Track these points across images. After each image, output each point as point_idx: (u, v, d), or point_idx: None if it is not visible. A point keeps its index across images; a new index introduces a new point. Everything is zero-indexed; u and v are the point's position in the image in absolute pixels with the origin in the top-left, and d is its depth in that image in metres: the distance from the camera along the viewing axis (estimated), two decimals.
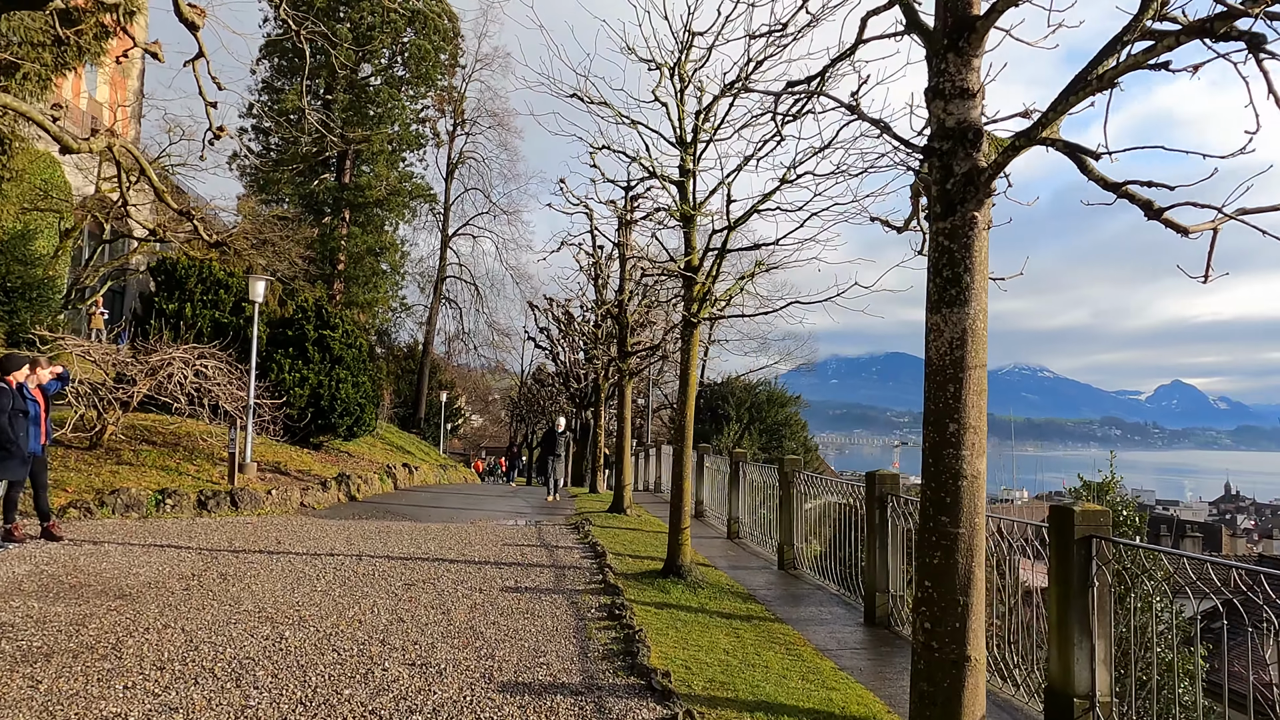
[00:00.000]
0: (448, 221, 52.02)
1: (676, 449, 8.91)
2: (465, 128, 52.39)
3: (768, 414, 50.39)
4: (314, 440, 18.62)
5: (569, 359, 27.36)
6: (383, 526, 11.56)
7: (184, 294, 18.98)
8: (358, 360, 19.10)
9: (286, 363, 17.92)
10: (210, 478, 12.81)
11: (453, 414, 60.68)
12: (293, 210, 42.28)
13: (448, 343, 55.80)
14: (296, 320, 19.19)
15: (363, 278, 45.53)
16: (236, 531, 10.17)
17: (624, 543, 11.10)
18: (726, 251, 8.36)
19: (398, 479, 18.42)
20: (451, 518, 13.43)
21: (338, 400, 18.06)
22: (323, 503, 13.51)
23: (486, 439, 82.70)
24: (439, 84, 49.79)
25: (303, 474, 15.03)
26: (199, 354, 13.85)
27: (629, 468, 14.50)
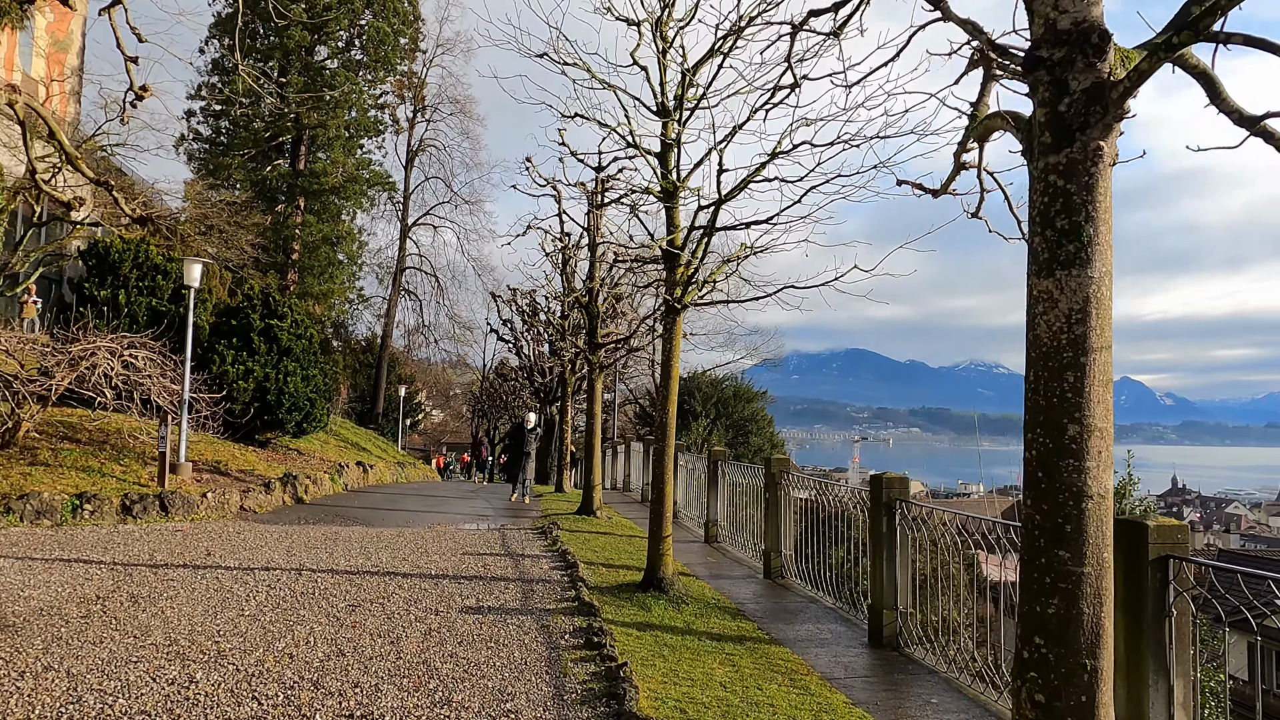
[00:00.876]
0: (407, 211, 50.53)
1: (657, 449, 8.04)
2: (426, 114, 50.93)
3: (734, 409, 49.83)
4: (259, 437, 17.39)
5: (533, 352, 26.35)
6: (330, 533, 10.52)
7: (118, 280, 17.62)
8: (308, 352, 17.91)
9: (230, 354, 16.68)
10: (139, 479, 11.63)
11: (412, 409, 59.17)
12: (244, 196, 40.52)
13: (407, 336, 54.31)
14: (241, 309, 17.91)
15: (318, 268, 43.90)
16: (162, 541, 9.07)
17: (596, 549, 10.21)
18: (716, 229, 7.50)
19: (351, 479, 17.30)
20: (408, 521, 12.42)
21: (285, 394, 16.86)
22: (265, 506, 12.39)
23: (447, 434, 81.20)
24: (399, 69, 48.24)
25: (245, 474, 13.87)
26: (128, 343, 12.62)
27: (599, 467, 13.62)
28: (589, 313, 13.50)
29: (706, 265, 7.97)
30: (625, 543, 11.07)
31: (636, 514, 15.26)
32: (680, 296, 7.83)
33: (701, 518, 12.41)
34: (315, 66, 43.77)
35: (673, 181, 8.02)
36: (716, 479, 11.85)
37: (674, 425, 7.97)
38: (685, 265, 7.96)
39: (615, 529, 12.43)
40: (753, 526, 10.45)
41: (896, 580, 6.65)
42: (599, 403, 13.66)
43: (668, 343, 7.95)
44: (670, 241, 8.04)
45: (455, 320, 52.27)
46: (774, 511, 9.24)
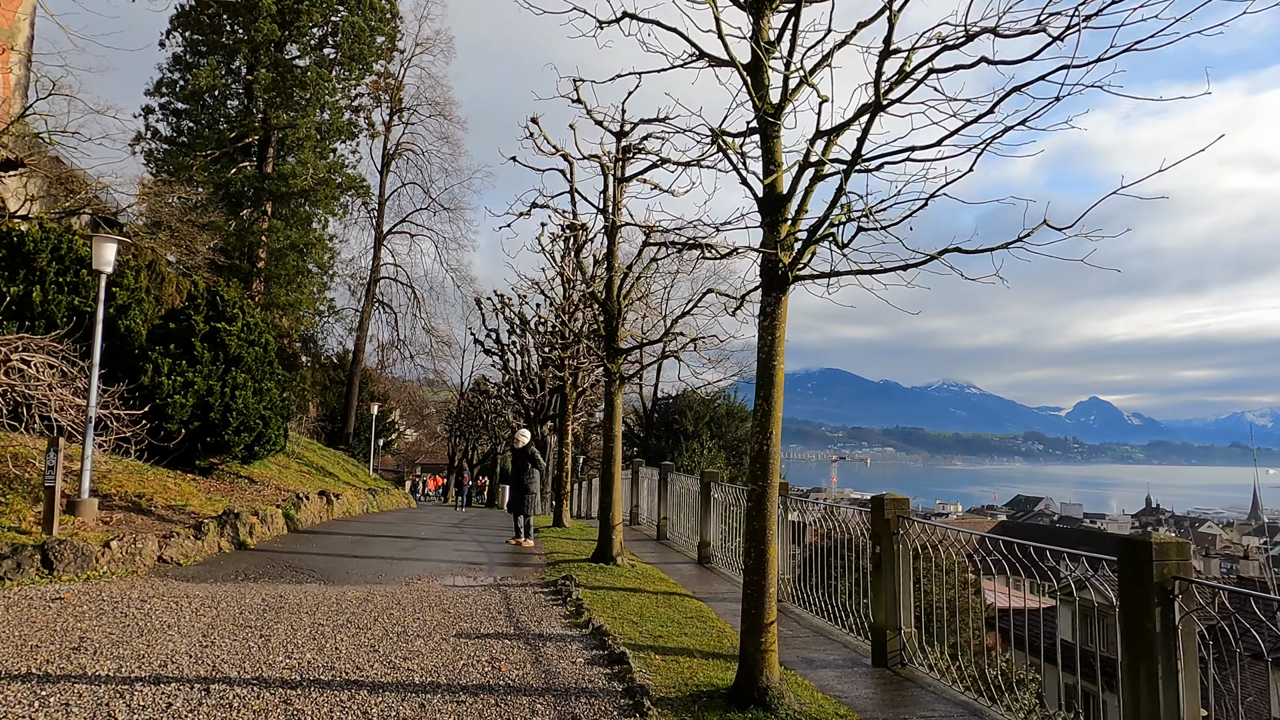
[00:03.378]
0: (382, 218, 47.73)
1: (755, 491, 5.40)
2: (403, 117, 48.35)
3: (728, 429, 47.33)
4: (201, 463, 14.52)
5: (521, 365, 23.66)
6: (273, 597, 7.76)
7: (32, 274, 14.72)
8: (261, 361, 15.09)
9: (165, 363, 13.84)
10: (22, 523, 8.79)
11: (385, 428, 55.98)
12: (206, 198, 37.51)
13: (381, 351, 51.32)
14: (182, 311, 15.09)
15: (285, 277, 40.92)
16: (19, 621, 6.28)
17: (635, 619, 7.55)
18: (859, 162, 4.95)
19: (311, 513, 14.46)
20: (380, 574, 9.66)
21: (233, 411, 14.03)
22: (193, 556, 9.57)
23: (422, 455, 77.94)
24: (375, 69, 45.68)
25: (174, 511, 11.04)
26: (15, 345, 9.82)
27: (620, 502, 10.99)
28: (606, 310, 10.89)
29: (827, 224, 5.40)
30: (668, 606, 8.41)
31: (657, 556, 12.61)
32: (791, 264, 5.26)
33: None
34: (285, 64, 40.98)
35: (771, 102, 5.47)
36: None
37: (778, 450, 5.36)
38: (789, 223, 5.40)
39: (645, 582, 9.75)
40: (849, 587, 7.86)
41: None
42: (619, 422, 11.02)
43: (768, 333, 5.37)
44: (770, 186, 5.48)
45: (433, 334, 49.41)
46: (889, 571, 6.66)
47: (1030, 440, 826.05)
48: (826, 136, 5.20)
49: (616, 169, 10.78)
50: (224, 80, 40.87)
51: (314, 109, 41.29)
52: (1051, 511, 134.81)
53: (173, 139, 41.53)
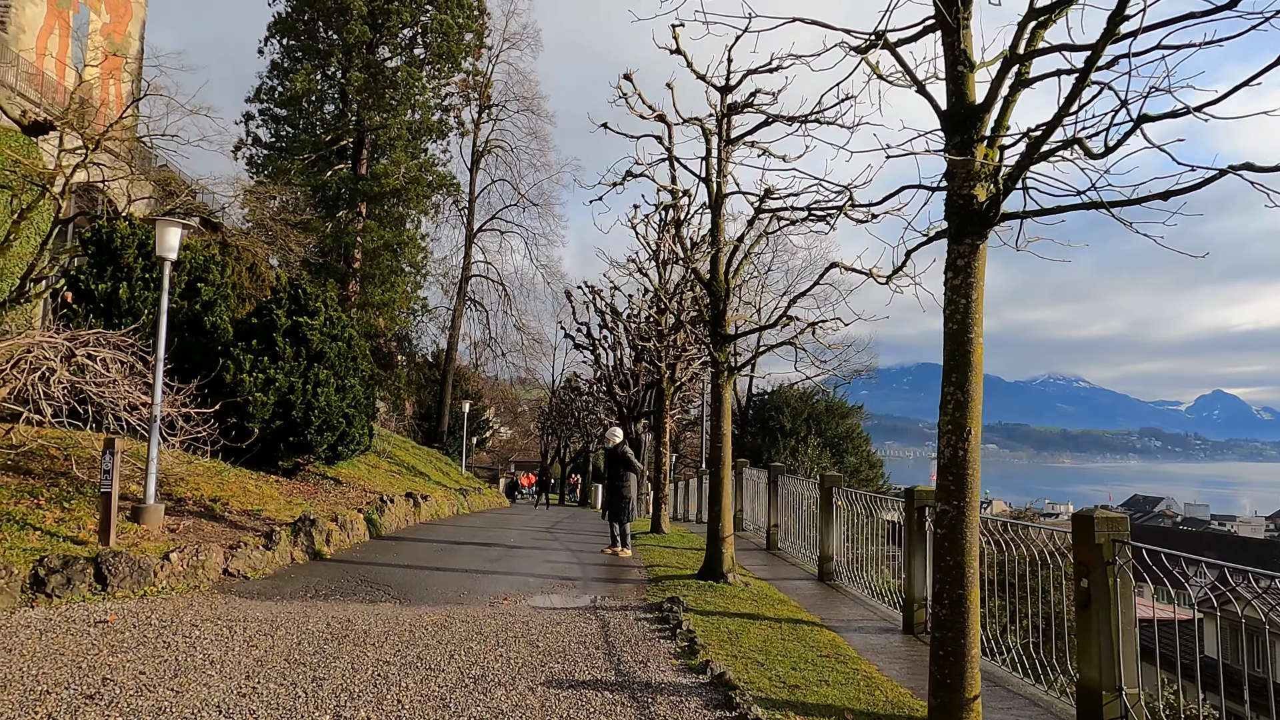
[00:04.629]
0: (473, 216, 47.67)
1: (950, 510, 3.92)
2: (492, 113, 48.14)
3: (827, 426, 45.17)
4: (284, 463, 13.91)
5: (613, 360, 22.53)
6: (339, 623, 6.73)
7: (120, 271, 14.44)
8: (344, 357, 14.38)
9: (247, 359, 13.25)
10: (81, 532, 8.09)
11: (479, 426, 56.18)
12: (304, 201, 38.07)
13: (473, 349, 51.37)
14: (265, 306, 14.54)
15: (380, 276, 41.20)
16: (53, 650, 5.40)
17: (762, 659, 6.16)
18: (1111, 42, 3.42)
19: (395, 517, 13.63)
20: (462, 591, 8.58)
21: (315, 410, 13.33)
22: (261, 568, 8.71)
23: (516, 452, 78.37)
24: (463, 66, 45.56)
25: (249, 516, 10.29)
26: (84, 340, 9.19)
27: (729, 510, 9.59)
28: (711, 291, 9.51)
29: None
30: (796, 639, 6.98)
31: (769, 570, 11.16)
32: (991, 201, 3.76)
33: (903, 590, 8.26)
34: (376, 65, 41.19)
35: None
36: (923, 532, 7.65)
37: (978, 464, 3.87)
38: (989, 152, 3.90)
39: (763, 605, 8.34)
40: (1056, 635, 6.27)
41: None
42: (728, 419, 9.62)
43: (961, 295, 3.90)
44: (957, 95, 3.99)
45: (523, 331, 49.05)
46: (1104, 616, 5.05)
47: (1146, 436, 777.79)
48: (1044, 15, 3.68)
49: (722, 129, 9.38)
50: (319, 84, 41.42)
51: (405, 109, 41.42)
52: (1174, 513, 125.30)
53: (272, 144, 42.43)
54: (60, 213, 21.76)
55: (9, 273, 21.32)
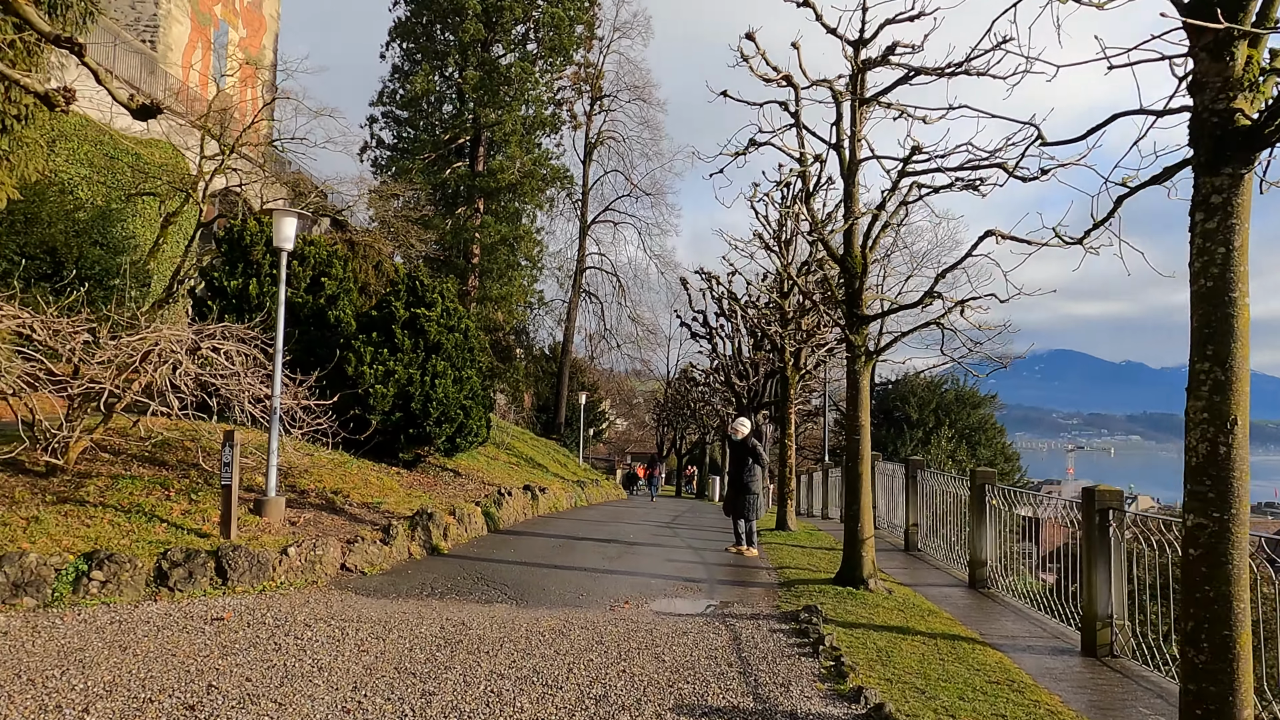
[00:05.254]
0: (586, 207, 47.82)
1: (1208, 527, 3.01)
2: (603, 104, 48.06)
3: (958, 416, 42.70)
4: (405, 455, 13.92)
5: (731, 348, 21.73)
6: (453, 627, 6.34)
7: (250, 267, 14.83)
8: (461, 348, 14.25)
9: (368, 352, 13.30)
10: (205, 524, 8.08)
11: (595, 418, 56.54)
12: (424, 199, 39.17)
13: (589, 341, 51.67)
14: (384, 298, 14.61)
15: (497, 271, 41.88)
16: (167, 646, 5.21)
17: (921, 684, 5.31)
18: None
19: (513, 510, 13.38)
20: (580, 592, 8.09)
21: (433, 401, 13.23)
22: (379, 563, 8.50)
23: (631, 444, 78.61)
24: (574, 59, 45.66)
25: (368, 509, 10.19)
26: (207, 333, 9.25)
27: (869, 509, 8.68)
28: (845, 268, 8.61)
29: None
30: (956, 660, 6.07)
31: (909, 575, 10.17)
32: (1270, 116, 2.81)
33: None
34: (491, 62, 41.78)
35: None
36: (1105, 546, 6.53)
37: (1246, 465, 2.93)
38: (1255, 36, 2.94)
39: (912, 616, 7.43)
40: None
41: None
42: (866, 409, 8.70)
43: (1217, 242, 2.97)
44: None
45: (638, 322, 48.90)
46: None
47: None
48: None
49: (856, 87, 8.45)
50: (437, 85, 42.38)
51: (519, 104, 41.82)
52: None
53: (394, 145, 43.80)
54: (202, 216, 22.91)
55: (159, 274, 22.61)
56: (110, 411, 8.85)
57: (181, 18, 34.29)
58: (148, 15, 33.90)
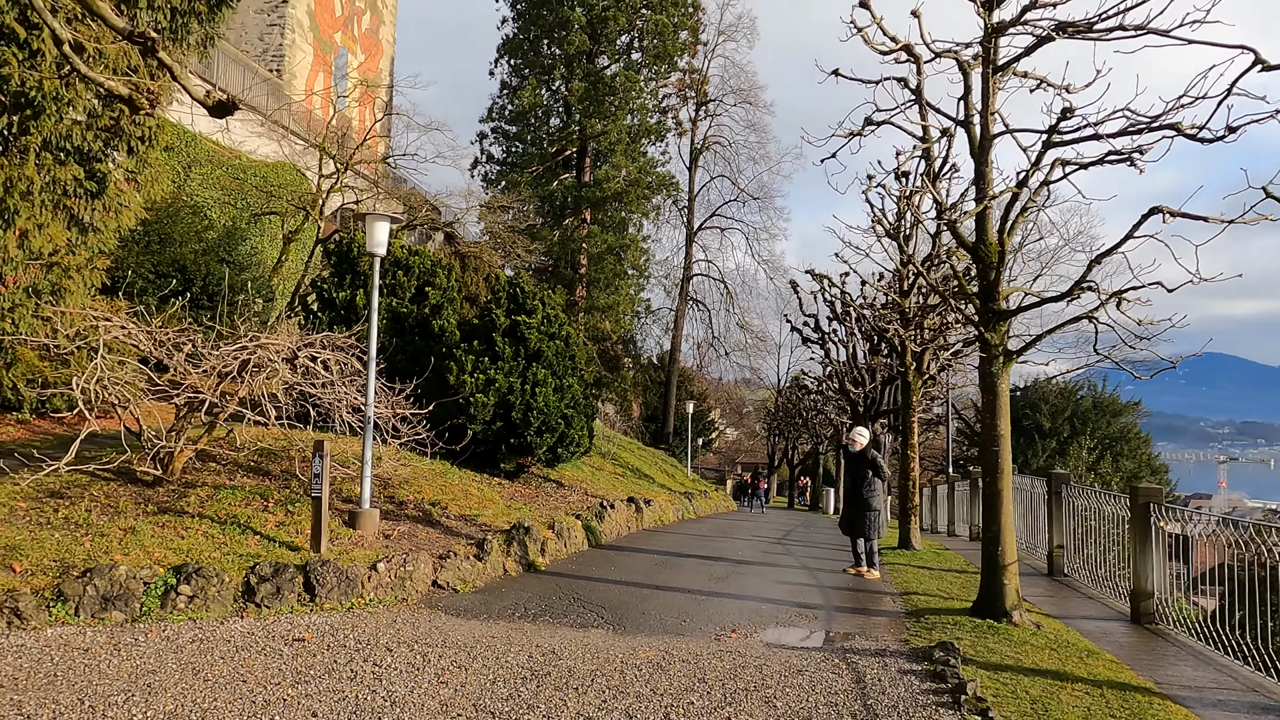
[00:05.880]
0: (692, 214, 47.27)
1: None
2: (709, 109, 47.47)
3: (1096, 425, 39.50)
4: (507, 465, 13.64)
5: (846, 354, 20.58)
6: (541, 658, 5.79)
7: (357, 278, 14.98)
8: (562, 356, 13.89)
9: (469, 360, 13.11)
10: (298, 537, 7.89)
11: (704, 428, 55.75)
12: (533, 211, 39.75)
13: (697, 349, 50.95)
14: (486, 306, 14.45)
15: (604, 280, 41.91)
16: (228, 678, 4.89)
17: None
18: None
19: (615, 524, 12.85)
20: (682, 618, 7.41)
21: (534, 410, 12.90)
22: (472, 580, 8.09)
23: (742, 454, 77.32)
24: (679, 66, 45.30)
25: (465, 521, 9.86)
26: (306, 342, 9.16)
27: (1011, 531, 7.59)
28: (979, 258, 7.62)
29: None
30: (1130, 717, 5.04)
31: (1056, 605, 8.97)
32: None
33: None
34: (595, 73, 41.98)
35: None
36: None
37: None
38: None
39: (1068, 658, 6.35)
40: None
41: None
42: (1005, 417, 7.66)
43: None
44: None
45: (747, 329, 47.88)
46: None
47: None
48: None
49: (988, 53, 7.46)
50: (543, 98, 42.89)
51: (624, 113, 41.78)
52: None
53: (503, 160, 44.58)
54: (320, 233, 23.65)
55: (282, 290, 23.51)
56: (214, 421, 8.87)
57: (304, 46, 35.97)
58: (274, 46, 35.74)
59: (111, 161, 12.98)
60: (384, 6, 42.81)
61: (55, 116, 11.44)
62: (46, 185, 11.37)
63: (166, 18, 13.44)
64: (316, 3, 37.21)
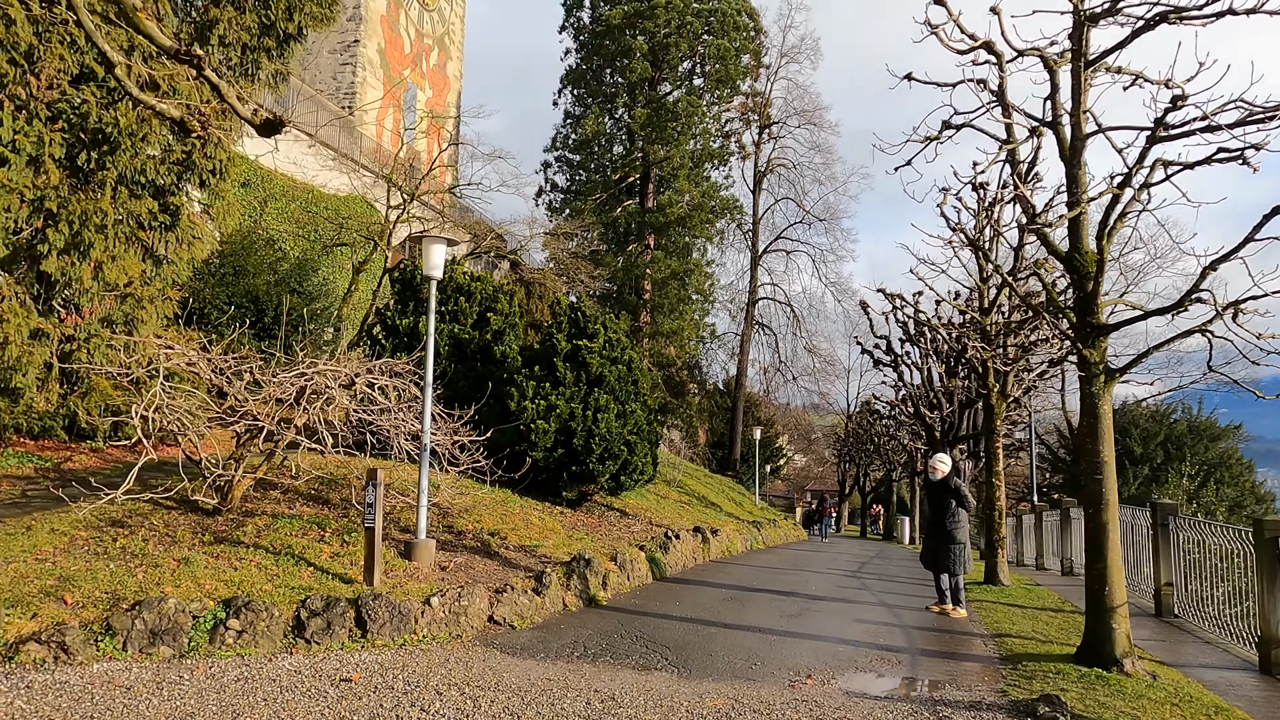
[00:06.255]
0: (757, 237, 46.76)
1: None
2: (772, 132, 47.06)
3: (1193, 450, 37.13)
4: (569, 494, 13.30)
5: (921, 376, 19.71)
6: (602, 701, 5.36)
7: (420, 305, 14.97)
8: (624, 381, 13.54)
9: (530, 386, 12.87)
10: (358, 566, 7.65)
11: (771, 454, 54.68)
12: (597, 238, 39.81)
13: (763, 374, 50.13)
14: (547, 330, 14.24)
15: (668, 305, 41.65)
16: (268, 718, 4.61)
17: None
18: None
19: (681, 555, 12.34)
20: (752, 660, 6.87)
21: (595, 437, 12.55)
22: (529, 616, 7.72)
23: (811, 480, 75.65)
24: (741, 89, 45.12)
25: (525, 553, 9.53)
26: (365, 368, 9.01)
27: (1118, 569, 6.85)
28: (1072, 267, 6.97)
29: None
30: None
31: (1169, 650, 8.09)
32: None
33: None
34: (658, 99, 42.08)
35: None
36: None
37: None
38: None
39: (1197, 718, 5.59)
40: None
41: None
42: (1109, 441, 6.94)
43: None
44: None
45: (814, 354, 46.92)
46: None
47: None
48: None
49: (1080, 44, 6.87)
50: (606, 126, 43.17)
51: (686, 138, 41.70)
52: None
53: (567, 188, 44.94)
54: (388, 262, 24.01)
55: (351, 319, 23.89)
56: (274, 449, 8.77)
57: (375, 84, 37.02)
58: (346, 84, 36.89)
59: (185, 195, 13.27)
60: (451, 43, 43.90)
61: (131, 151, 11.72)
62: (120, 218, 11.63)
63: (237, 54, 13.74)
64: (387, 41, 38.34)
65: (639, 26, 40.71)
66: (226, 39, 12.96)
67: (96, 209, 10.84)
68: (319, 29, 14.68)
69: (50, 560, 6.62)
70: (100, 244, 11.05)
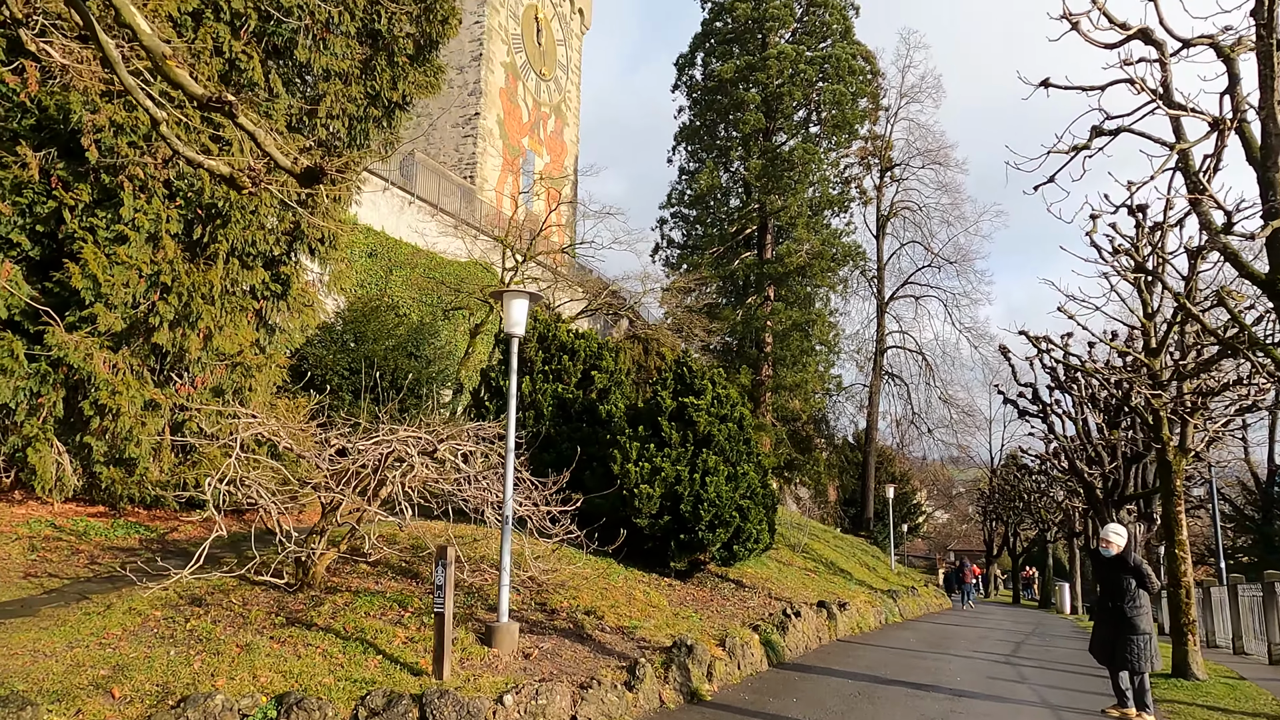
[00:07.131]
0: (882, 284, 44.80)
1: None
2: (894, 175, 45.34)
3: None
4: (677, 564, 12.29)
5: (1075, 427, 17.55)
6: None
7: (523, 365, 14.58)
8: (735, 440, 12.52)
9: (634, 448, 12.08)
10: (424, 656, 6.96)
11: (908, 511, 51.34)
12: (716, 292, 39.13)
13: (895, 427, 47.40)
14: (652, 388, 13.46)
15: (790, 357, 40.22)
16: None
17: None
18: None
19: (803, 635, 11.03)
20: None
21: (704, 502, 11.55)
22: (618, 716, 6.74)
23: (954, 539, 70.64)
24: (859, 134, 43.85)
25: (623, 635, 8.59)
26: (448, 434, 8.48)
27: None
28: (1276, 294, 5.53)
29: None
30: None
31: None
32: None
33: None
34: (773, 150, 41.46)
35: None
36: None
37: None
38: None
39: None
40: None
41: None
42: None
43: None
44: None
45: (950, 404, 43.94)
46: None
47: None
48: None
49: (1272, 18, 5.57)
50: (721, 180, 42.88)
51: (804, 187, 40.72)
52: None
53: (683, 244, 44.70)
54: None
55: (470, 381, 24.04)
56: (354, 527, 8.33)
57: (494, 154, 38.31)
58: (468, 155, 38.34)
59: (296, 264, 13.48)
60: (567, 109, 45.10)
61: (243, 223, 11.96)
62: (228, 289, 11.84)
63: (345, 127, 14.03)
64: (505, 112, 39.70)
65: (751, 79, 40.40)
66: (334, 111, 13.26)
67: (204, 280, 11.04)
68: (425, 96, 14.84)
69: (114, 645, 6.29)
70: (209, 314, 11.23)
